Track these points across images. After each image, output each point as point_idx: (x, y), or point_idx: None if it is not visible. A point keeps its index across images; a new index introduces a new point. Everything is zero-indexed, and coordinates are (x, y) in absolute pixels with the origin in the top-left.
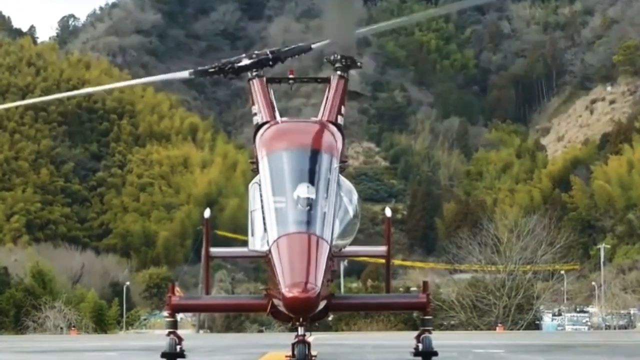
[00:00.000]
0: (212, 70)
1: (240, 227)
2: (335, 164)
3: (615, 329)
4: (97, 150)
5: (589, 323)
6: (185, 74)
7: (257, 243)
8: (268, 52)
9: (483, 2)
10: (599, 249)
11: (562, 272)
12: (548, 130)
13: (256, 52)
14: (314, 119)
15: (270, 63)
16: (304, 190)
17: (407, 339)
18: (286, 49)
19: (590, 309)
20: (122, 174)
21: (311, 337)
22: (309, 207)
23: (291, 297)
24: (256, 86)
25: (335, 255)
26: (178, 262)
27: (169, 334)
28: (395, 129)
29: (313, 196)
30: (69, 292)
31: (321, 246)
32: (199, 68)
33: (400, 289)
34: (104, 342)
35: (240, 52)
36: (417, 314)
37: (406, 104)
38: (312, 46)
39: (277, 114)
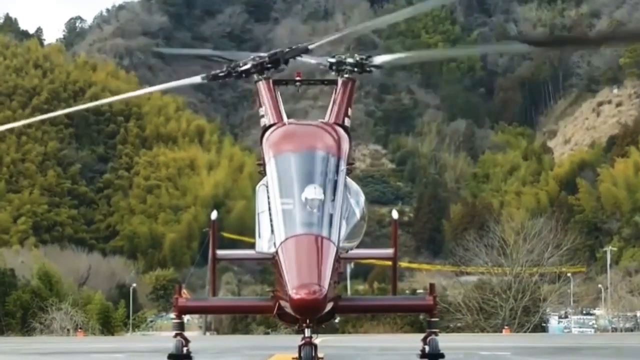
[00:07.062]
0: (222, 74)
1: (247, 229)
2: (342, 166)
3: (621, 331)
4: (104, 152)
5: (595, 325)
6: (197, 79)
7: (264, 245)
8: (267, 56)
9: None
10: (605, 252)
11: (569, 274)
12: (555, 132)
13: (259, 54)
14: (321, 120)
15: (269, 66)
16: (311, 192)
17: (413, 341)
18: (286, 50)
19: (596, 311)
20: (129, 176)
21: (318, 339)
22: (316, 209)
23: (298, 298)
24: (263, 88)
25: (342, 257)
26: (185, 264)
27: (176, 335)
28: (401, 131)
29: (320, 198)
30: (75, 294)
31: (328, 248)
32: (212, 72)
33: (407, 291)
34: (111, 344)
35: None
36: (424, 316)
37: (413, 106)
38: (310, 47)
39: (284, 115)
